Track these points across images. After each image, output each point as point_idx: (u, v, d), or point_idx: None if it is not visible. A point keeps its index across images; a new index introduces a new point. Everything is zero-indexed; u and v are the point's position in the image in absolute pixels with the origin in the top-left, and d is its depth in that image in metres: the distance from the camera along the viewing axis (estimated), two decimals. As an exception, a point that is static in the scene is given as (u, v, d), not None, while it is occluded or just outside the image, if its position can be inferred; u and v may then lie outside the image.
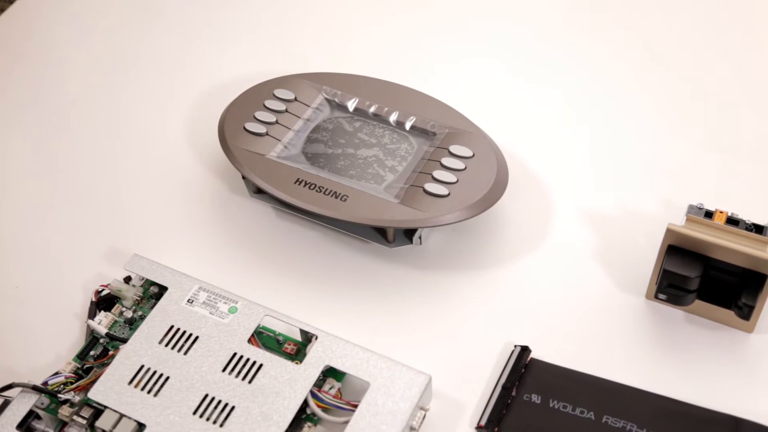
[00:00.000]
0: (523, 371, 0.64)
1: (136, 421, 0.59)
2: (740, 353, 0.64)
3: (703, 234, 0.62)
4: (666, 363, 0.64)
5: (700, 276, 0.62)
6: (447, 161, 0.72)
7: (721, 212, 0.64)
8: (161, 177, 0.79)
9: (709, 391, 0.62)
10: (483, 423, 0.61)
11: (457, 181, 0.71)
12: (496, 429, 0.61)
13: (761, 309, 0.63)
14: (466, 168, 0.72)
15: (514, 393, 0.62)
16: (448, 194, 0.70)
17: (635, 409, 0.60)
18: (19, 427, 0.59)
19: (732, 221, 0.64)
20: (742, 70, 0.85)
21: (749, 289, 0.61)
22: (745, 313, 0.62)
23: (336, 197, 0.70)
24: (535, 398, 0.62)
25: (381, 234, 0.72)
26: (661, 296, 0.65)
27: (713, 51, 0.87)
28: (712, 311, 0.65)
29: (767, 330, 0.65)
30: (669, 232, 0.63)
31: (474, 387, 0.64)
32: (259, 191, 0.75)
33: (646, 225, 0.72)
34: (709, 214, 0.65)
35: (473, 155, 0.72)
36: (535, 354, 0.65)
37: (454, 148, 0.73)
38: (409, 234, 0.72)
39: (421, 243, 0.72)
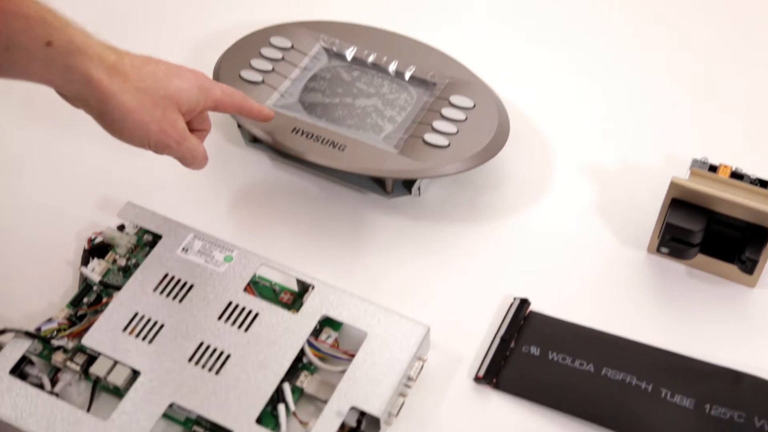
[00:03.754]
0: (522, 324, 0.63)
1: (130, 367, 0.59)
2: (742, 308, 0.64)
3: (707, 187, 0.61)
4: (667, 317, 0.64)
5: (703, 230, 0.61)
6: (447, 112, 0.71)
7: (725, 166, 0.64)
8: (155, 125, 0.78)
9: (709, 345, 0.61)
10: (481, 374, 0.61)
11: (458, 131, 0.69)
12: (494, 380, 0.60)
13: (765, 263, 0.62)
14: (466, 119, 0.70)
15: (512, 345, 0.62)
16: (448, 145, 0.68)
17: (635, 362, 0.60)
18: (12, 372, 0.58)
19: (736, 175, 0.63)
20: (746, 24, 0.84)
21: (753, 244, 0.61)
22: (749, 267, 0.61)
23: (334, 147, 0.69)
24: (534, 350, 0.61)
25: (379, 185, 0.71)
26: (664, 250, 0.64)
27: (717, 3, 0.85)
28: (715, 265, 0.65)
29: (768, 285, 0.65)
30: (673, 185, 0.62)
31: (472, 339, 0.63)
32: (255, 140, 0.74)
33: (648, 179, 0.71)
34: (713, 169, 0.64)
35: (474, 106, 0.71)
36: (535, 307, 0.64)
37: (454, 99, 0.71)
38: (408, 185, 0.70)
39: (419, 194, 0.71)
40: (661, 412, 0.57)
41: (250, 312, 0.61)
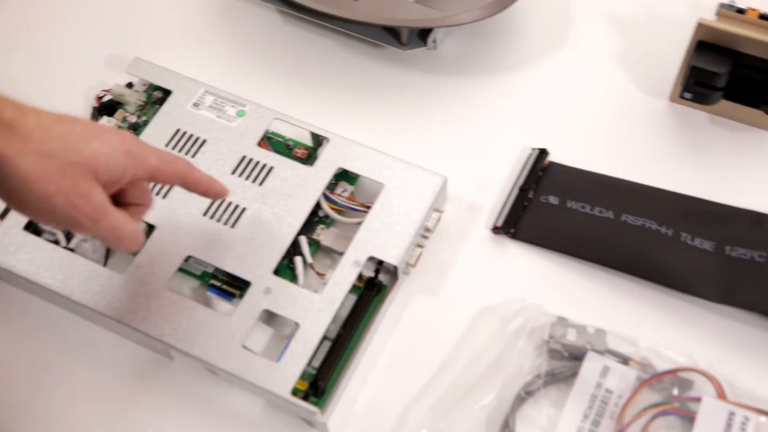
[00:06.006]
0: (541, 174, 0.62)
1: (145, 222, 0.58)
2: (765, 152, 0.62)
3: (735, 27, 0.58)
4: (689, 164, 0.62)
5: (728, 72, 0.59)
6: (463, -43, 0.68)
7: (753, 9, 0.61)
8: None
9: (732, 190, 0.60)
10: (499, 224, 0.60)
11: (474, -22, 0.66)
12: (512, 230, 0.60)
13: (791, 106, 0.60)
14: (483, -35, 0.67)
15: (531, 195, 0.61)
16: (465, -8, 0.66)
17: (655, 208, 0.59)
18: (26, 228, 0.58)
19: (765, 17, 0.61)
20: None
21: (781, 85, 0.59)
22: (775, 109, 0.60)
23: (346, -4, 0.66)
24: (553, 199, 0.60)
25: (394, 37, 0.68)
26: (687, 95, 0.62)
27: None
28: (738, 111, 0.63)
29: (795, 130, 0.63)
30: (700, 26, 0.59)
31: (490, 190, 0.62)
32: (263, -7, 0.71)
33: (671, 27, 0.68)
34: (741, 12, 0.61)
35: (491, -49, 0.68)
36: (554, 157, 0.63)
37: (470, -56, 0.68)
38: (423, 36, 0.68)
39: (436, 47, 0.69)
40: (681, 255, 0.56)
41: (264, 166, 0.60)
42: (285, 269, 0.58)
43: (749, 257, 0.56)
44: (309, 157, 0.63)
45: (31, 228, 0.58)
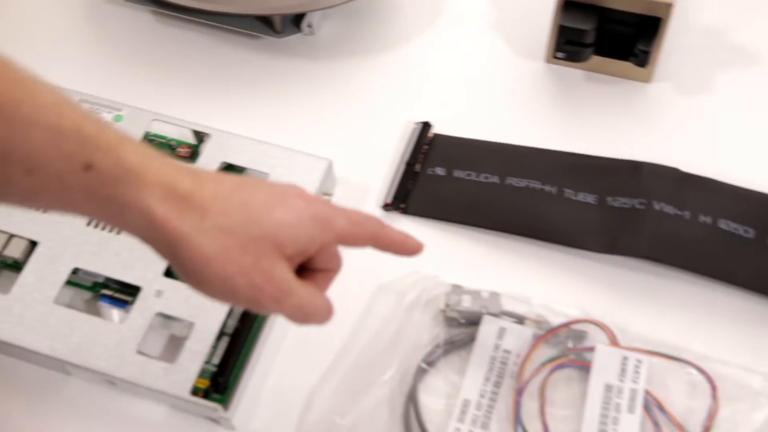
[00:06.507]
0: (427, 147, 0.62)
1: (27, 239, 0.57)
2: (639, 103, 0.64)
3: (597, -17, 0.60)
4: (568, 121, 0.63)
5: (595, 28, 0.61)
6: (330, -62, 0.67)
7: (616, -35, 0.62)
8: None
9: (611, 143, 0.62)
10: (389, 201, 0.60)
11: (343, -41, 0.66)
12: (402, 205, 0.60)
13: (657, 55, 0.62)
14: (350, -55, 0.67)
15: (418, 169, 0.61)
16: (333, -26, 0.66)
17: (538, 168, 0.60)
18: None
19: (625, -28, 0.62)
20: None
21: (645, 36, 0.60)
22: (642, 60, 0.61)
23: (214, -10, 0.65)
24: (440, 171, 0.61)
25: (268, 26, 0.68)
26: (559, 55, 0.63)
27: None
28: (611, 66, 0.64)
29: (663, 78, 0.65)
30: (562, -15, 0.60)
31: (378, 169, 0.62)
32: (132, -6, 0.70)
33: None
34: (602, -31, 0.62)
35: (357, -69, 0.68)
36: (438, 129, 0.63)
37: (335, -74, 0.68)
38: (297, 22, 0.68)
39: (313, 32, 0.68)
40: (566, 211, 0.57)
41: (146, 168, 0.59)
42: (176, 270, 0.57)
43: (630, 205, 0.57)
44: (192, 155, 0.62)
45: None
